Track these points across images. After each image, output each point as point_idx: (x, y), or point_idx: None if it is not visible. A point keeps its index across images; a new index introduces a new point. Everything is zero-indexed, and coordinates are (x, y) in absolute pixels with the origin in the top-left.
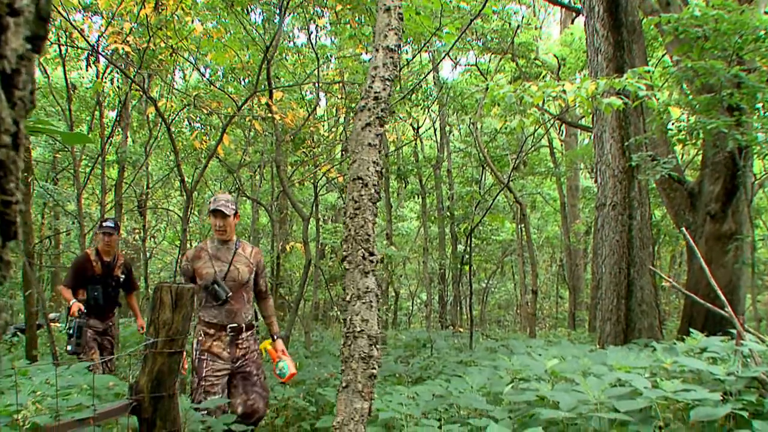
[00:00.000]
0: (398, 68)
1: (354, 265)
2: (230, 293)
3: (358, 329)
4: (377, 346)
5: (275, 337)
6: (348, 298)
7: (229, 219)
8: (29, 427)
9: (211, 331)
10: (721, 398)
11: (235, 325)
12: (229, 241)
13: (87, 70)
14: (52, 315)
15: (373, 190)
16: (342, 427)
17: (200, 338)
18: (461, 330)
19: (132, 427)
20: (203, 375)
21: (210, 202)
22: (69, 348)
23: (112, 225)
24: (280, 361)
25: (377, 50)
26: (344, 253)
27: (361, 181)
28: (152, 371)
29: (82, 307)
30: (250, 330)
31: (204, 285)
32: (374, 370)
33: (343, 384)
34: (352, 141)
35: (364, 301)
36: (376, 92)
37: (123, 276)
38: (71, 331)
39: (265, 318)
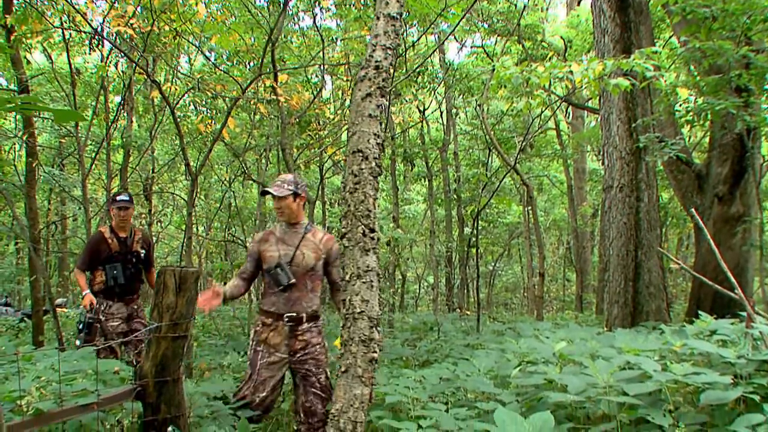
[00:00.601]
0: (401, 37)
1: (354, 243)
2: (293, 279)
3: (358, 310)
4: (378, 328)
5: None
6: (347, 278)
7: (287, 200)
8: (32, 412)
9: (269, 321)
10: (732, 381)
11: (294, 314)
12: (297, 224)
13: (90, 54)
14: (59, 300)
15: (373, 164)
16: (341, 415)
17: (257, 328)
18: (468, 313)
19: (136, 412)
20: (257, 368)
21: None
22: (78, 343)
23: (127, 198)
24: None
25: (378, 18)
26: (343, 230)
27: (361, 154)
28: (156, 356)
29: (95, 301)
30: (312, 321)
31: (267, 269)
32: (375, 354)
33: (342, 368)
34: (352, 112)
35: (364, 280)
36: (377, 61)
37: (143, 251)
38: (80, 326)
39: (341, 311)
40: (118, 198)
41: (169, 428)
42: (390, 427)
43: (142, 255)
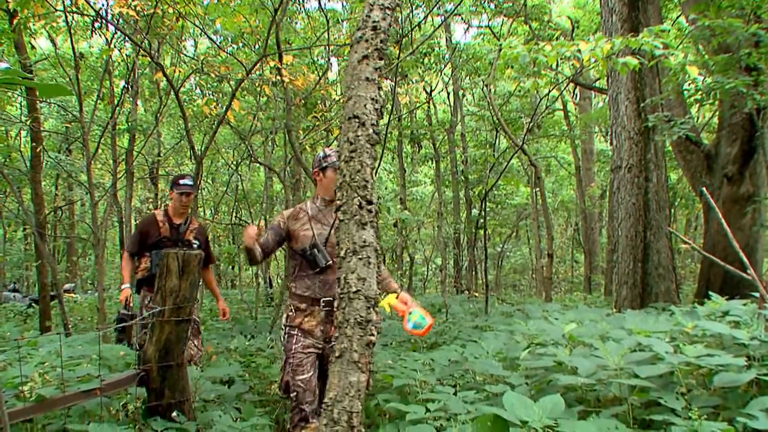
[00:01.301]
0: (408, 20)
1: (349, 216)
2: (330, 261)
3: (354, 290)
4: (376, 309)
5: (398, 291)
6: (342, 254)
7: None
8: (35, 398)
9: (303, 306)
10: (746, 363)
11: (330, 298)
12: (332, 201)
13: (92, 37)
14: (67, 286)
15: (371, 130)
16: (335, 404)
17: (290, 314)
18: (476, 295)
19: (141, 397)
20: (292, 352)
21: (322, 158)
22: (114, 342)
23: (191, 183)
24: (412, 312)
25: None
26: (338, 201)
27: (357, 120)
28: (160, 340)
29: (130, 297)
30: None
31: (301, 249)
32: (372, 337)
33: (337, 353)
34: (348, 76)
35: (360, 257)
36: (374, 21)
37: (196, 243)
38: (117, 323)
39: (379, 282)
40: (181, 182)
41: (174, 413)
42: (397, 411)
43: (195, 246)
